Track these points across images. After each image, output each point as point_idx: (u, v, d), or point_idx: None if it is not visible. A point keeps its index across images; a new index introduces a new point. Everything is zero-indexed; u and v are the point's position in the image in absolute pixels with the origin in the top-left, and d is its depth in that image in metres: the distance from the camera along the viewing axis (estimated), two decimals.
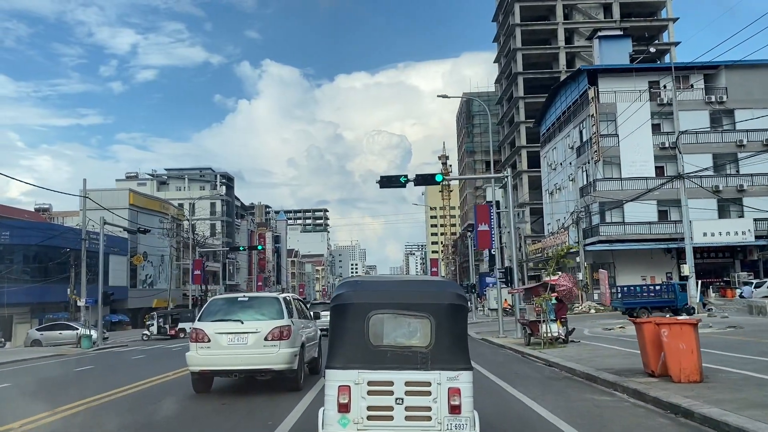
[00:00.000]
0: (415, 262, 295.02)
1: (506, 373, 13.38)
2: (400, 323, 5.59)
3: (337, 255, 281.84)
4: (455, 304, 5.69)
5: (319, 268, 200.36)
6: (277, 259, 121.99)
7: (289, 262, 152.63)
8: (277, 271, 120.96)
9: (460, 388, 5.36)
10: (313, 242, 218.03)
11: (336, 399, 5.40)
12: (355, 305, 5.64)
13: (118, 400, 11.04)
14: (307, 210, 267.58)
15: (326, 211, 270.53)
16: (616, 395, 10.08)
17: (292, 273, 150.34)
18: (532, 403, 9.40)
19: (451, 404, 5.33)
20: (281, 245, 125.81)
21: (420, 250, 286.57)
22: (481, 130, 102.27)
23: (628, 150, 43.17)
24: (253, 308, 11.08)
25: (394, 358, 5.47)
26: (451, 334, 5.56)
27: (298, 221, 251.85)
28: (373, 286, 6.11)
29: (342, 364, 5.50)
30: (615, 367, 12.35)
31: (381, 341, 5.54)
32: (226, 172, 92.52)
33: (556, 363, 14.35)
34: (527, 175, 71.48)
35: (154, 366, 18.13)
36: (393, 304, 5.62)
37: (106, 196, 58.04)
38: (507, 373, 13.58)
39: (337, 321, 5.70)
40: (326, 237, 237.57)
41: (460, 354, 5.55)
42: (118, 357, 25.18)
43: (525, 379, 12.69)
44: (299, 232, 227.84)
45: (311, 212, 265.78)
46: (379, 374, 5.41)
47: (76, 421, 9.18)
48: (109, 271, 53.72)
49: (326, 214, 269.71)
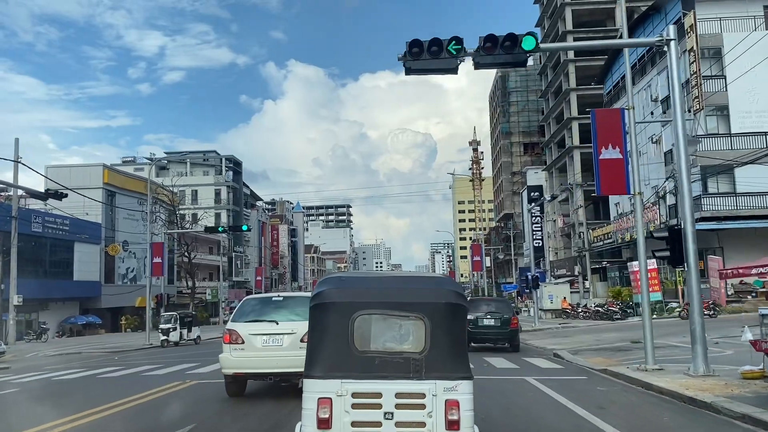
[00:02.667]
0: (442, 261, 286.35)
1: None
2: (390, 325, 4.93)
3: (361, 252, 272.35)
4: (453, 303, 5.00)
5: (341, 265, 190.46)
6: (293, 254, 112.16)
7: (308, 259, 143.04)
8: (293, 267, 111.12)
9: (458, 401, 4.70)
10: (336, 238, 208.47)
11: (315, 413, 4.70)
12: (337, 305, 4.97)
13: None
14: (329, 206, 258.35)
15: (349, 207, 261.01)
16: None
17: (311, 270, 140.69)
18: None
19: (448, 419, 4.65)
20: (298, 239, 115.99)
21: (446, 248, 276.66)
22: (519, 108, 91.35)
23: (739, 97, 32.15)
24: (287, 308, 10.58)
25: (383, 365, 4.81)
26: (448, 337, 4.89)
27: (320, 217, 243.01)
28: (359, 283, 5.44)
29: (323, 372, 4.82)
30: None
31: (368, 346, 4.89)
32: (233, 156, 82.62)
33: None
34: (579, 151, 60.40)
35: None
36: (382, 304, 4.96)
37: (76, 173, 48.70)
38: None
39: (318, 323, 5.03)
40: (349, 233, 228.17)
41: (458, 361, 4.89)
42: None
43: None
44: (321, 228, 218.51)
45: (334, 208, 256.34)
46: (365, 385, 4.76)
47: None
48: (73, 261, 44.29)
49: (349, 210, 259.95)
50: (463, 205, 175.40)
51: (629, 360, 14.22)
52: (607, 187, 13.18)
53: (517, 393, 10.62)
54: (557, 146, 68.43)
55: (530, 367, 14.47)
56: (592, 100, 61.17)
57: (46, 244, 41.82)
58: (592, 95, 60.96)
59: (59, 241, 43.03)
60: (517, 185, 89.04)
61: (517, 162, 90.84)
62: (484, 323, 19.99)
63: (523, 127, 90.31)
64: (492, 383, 11.51)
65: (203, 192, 79.15)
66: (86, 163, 51.46)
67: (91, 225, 46.32)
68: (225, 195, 79.30)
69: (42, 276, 41.49)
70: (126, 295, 49.85)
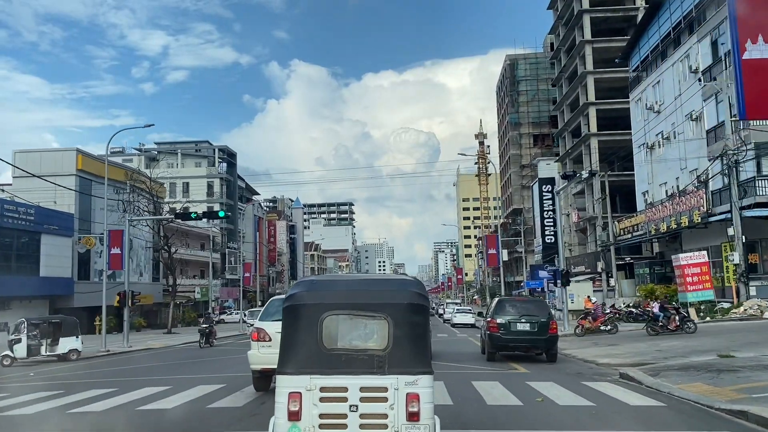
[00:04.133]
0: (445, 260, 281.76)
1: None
2: (356, 325, 5.29)
3: (363, 251, 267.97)
4: (415, 303, 5.33)
5: (343, 263, 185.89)
6: (292, 251, 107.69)
7: (309, 257, 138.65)
8: (292, 265, 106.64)
9: (419, 394, 5.04)
10: (337, 236, 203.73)
11: (286, 406, 5.06)
12: (308, 306, 5.33)
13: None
14: (331, 204, 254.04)
15: (351, 205, 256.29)
16: None
17: (311, 268, 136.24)
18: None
19: (409, 411, 5.00)
20: (297, 236, 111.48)
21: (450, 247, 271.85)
22: (528, 98, 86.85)
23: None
24: None
25: (349, 362, 5.15)
26: (410, 335, 5.21)
27: (322, 215, 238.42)
28: (328, 286, 5.76)
29: (294, 369, 5.18)
30: None
31: (335, 344, 5.24)
32: (227, 146, 77.95)
33: None
34: (597, 139, 55.92)
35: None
36: (349, 305, 5.32)
37: (47, 158, 44.36)
38: None
39: (290, 323, 5.41)
40: (351, 231, 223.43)
41: (419, 357, 5.20)
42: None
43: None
44: (322, 226, 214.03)
45: (336, 206, 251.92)
46: (332, 380, 5.10)
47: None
48: (40, 255, 39.93)
49: (351, 207, 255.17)
50: (468, 203, 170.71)
51: (751, 388, 9.70)
52: (756, 107, 8.63)
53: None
54: (571, 135, 63.94)
55: (610, 403, 9.88)
56: (611, 84, 56.67)
57: (5, 235, 37.45)
58: (611, 78, 56.47)
59: (22, 232, 38.64)
60: (526, 179, 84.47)
61: (526, 155, 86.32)
62: (517, 328, 16.66)
63: (533, 118, 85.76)
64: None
65: (195, 185, 74.77)
66: (58, 148, 47.17)
67: (61, 215, 41.86)
68: (218, 188, 74.94)
69: (3, 272, 37.17)
70: (106, 294, 45.39)
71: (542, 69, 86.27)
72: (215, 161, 76.28)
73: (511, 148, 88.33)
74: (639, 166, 41.58)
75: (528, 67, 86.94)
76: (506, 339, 16.59)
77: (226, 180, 75.96)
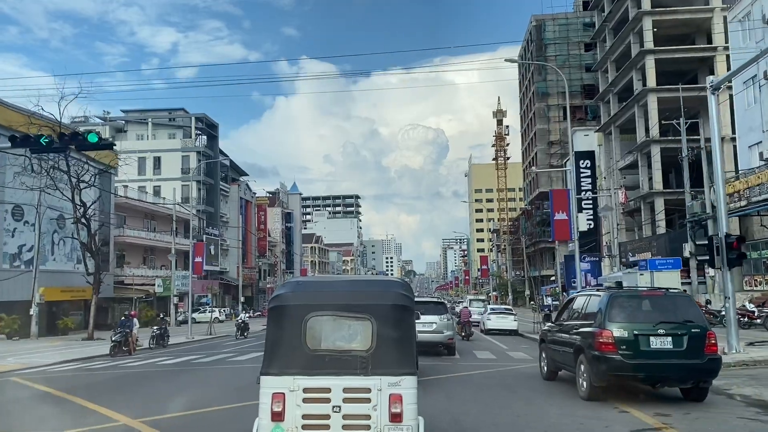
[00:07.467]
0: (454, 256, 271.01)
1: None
2: (340, 326, 5.27)
3: (370, 246, 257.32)
4: (399, 305, 5.33)
5: (348, 258, 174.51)
6: (288, 242, 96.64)
7: (309, 249, 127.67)
8: (287, 256, 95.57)
9: (401, 395, 5.04)
10: (342, 229, 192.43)
11: (270, 407, 5.05)
12: (292, 307, 5.30)
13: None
14: (336, 196, 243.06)
15: (358, 197, 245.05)
16: None
17: (311, 261, 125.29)
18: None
19: (392, 412, 5.00)
20: (294, 225, 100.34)
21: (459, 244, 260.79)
22: (558, 63, 74.98)
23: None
24: None
25: (333, 363, 5.14)
26: (394, 337, 5.20)
27: (327, 208, 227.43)
28: (313, 287, 5.80)
29: (277, 370, 5.16)
30: None
31: (319, 345, 5.22)
32: (205, 115, 66.52)
33: None
34: (656, 95, 44.52)
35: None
36: (332, 306, 5.29)
37: None
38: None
39: (274, 324, 5.35)
40: (357, 224, 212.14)
41: (403, 358, 5.19)
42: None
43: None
44: (326, 218, 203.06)
45: (341, 198, 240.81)
46: (315, 380, 5.08)
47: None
48: None
49: (357, 200, 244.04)
50: (481, 194, 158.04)
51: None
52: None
53: None
54: (617, 99, 52.56)
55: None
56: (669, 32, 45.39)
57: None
58: (675, 21, 45.19)
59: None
60: (555, 157, 73.03)
61: (555, 129, 74.86)
62: (656, 345, 9.34)
63: (563, 86, 74.21)
64: None
65: (168, 159, 63.80)
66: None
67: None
68: (195, 164, 63.86)
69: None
70: (20, 285, 34.50)
71: (573, 31, 74.84)
72: (192, 132, 65.15)
73: (538, 122, 76.87)
74: (743, 111, 30.04)
75: (558, 28, 75.48)
76: (632, 365, 9.31)
77: (205, 154, 64.84)
